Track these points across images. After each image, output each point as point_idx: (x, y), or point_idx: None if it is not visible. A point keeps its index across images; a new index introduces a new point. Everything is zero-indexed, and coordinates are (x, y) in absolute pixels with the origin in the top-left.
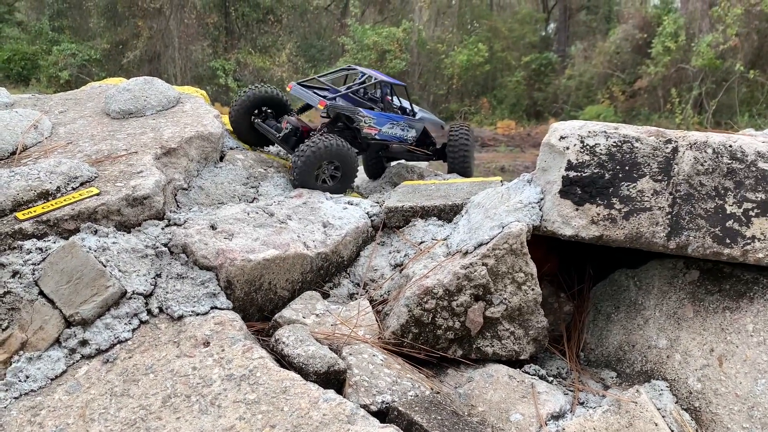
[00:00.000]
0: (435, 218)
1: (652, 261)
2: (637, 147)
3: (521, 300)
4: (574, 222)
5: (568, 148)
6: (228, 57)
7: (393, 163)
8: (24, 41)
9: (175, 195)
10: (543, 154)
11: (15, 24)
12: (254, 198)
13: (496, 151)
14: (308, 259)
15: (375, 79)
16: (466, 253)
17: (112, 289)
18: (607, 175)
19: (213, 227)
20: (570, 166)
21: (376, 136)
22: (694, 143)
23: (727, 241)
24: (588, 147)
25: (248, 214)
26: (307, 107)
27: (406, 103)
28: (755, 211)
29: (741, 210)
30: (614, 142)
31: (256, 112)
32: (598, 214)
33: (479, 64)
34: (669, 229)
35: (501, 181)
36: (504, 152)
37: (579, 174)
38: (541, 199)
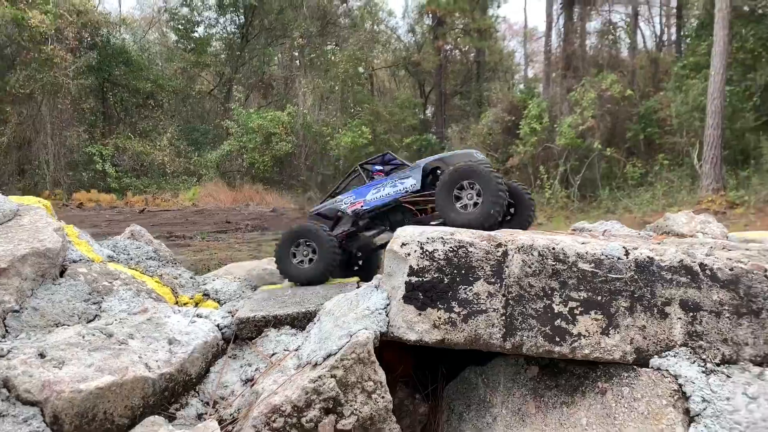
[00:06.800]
0: (288, 327)
1: (497, 358)
2: (471, 251)
3: (372, 409)
4: (417, 327)
5: (409, 255)
6: (105, 142)
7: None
8: None
9: (4, 319)
10: (388, 260)
11: None
12: (96, 315)
13: None
14: (150, 382)
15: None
16: (316, 364)
17: None
18: (446, 279)
19: (42, 355)
20: (412, 272)
21: (366, 207)
22: (522, 247)
23: (557, 339)
24: (427, 253)
25: (83, 337)
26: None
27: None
28: (579, 309)
29: (567, 309)
30: (451, 247)
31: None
32: (440, 318)
33: (363, 146)
34: (504, 329)
35: (357, 283)
36: None
37: (420, 279)
38: (388, 305)
